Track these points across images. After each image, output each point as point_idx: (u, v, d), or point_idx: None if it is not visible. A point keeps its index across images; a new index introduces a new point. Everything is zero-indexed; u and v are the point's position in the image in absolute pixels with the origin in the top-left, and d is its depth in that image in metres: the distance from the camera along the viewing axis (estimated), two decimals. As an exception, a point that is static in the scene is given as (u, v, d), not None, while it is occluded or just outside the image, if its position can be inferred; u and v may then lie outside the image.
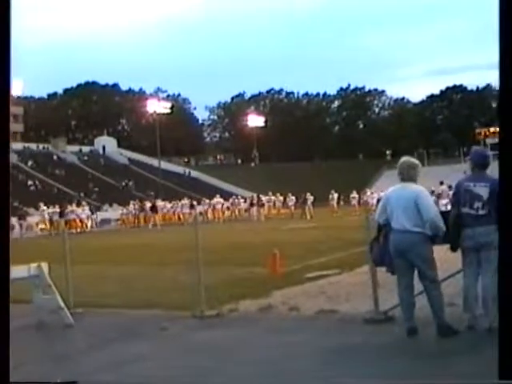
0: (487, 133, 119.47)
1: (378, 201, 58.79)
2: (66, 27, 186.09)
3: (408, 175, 8.66)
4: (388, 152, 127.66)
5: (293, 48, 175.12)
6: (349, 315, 9.95)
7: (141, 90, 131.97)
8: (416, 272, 8.47)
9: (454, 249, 8.62)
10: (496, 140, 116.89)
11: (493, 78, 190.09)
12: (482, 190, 8.25)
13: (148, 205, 56.60)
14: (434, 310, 8.35)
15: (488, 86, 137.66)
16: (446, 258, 9.38)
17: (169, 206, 58.62)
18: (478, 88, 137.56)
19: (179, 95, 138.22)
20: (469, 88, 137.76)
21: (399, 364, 7.25)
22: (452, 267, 9.57)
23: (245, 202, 61.68)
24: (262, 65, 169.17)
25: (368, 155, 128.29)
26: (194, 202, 59.61)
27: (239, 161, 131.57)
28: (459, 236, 8.42)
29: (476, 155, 9.00)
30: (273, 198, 61.92)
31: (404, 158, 8.95)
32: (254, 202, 57.60)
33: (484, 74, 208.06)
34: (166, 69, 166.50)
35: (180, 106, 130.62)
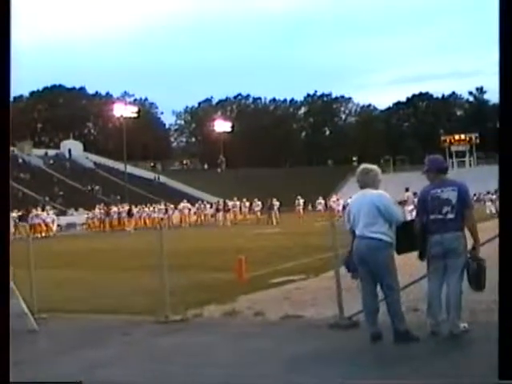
0: (452, 140, 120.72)
1: (344, 207, 59.18)
2: (32, 30, 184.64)
3: (364, 181, 8.70)
4: (354, 158, 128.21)
5: (260, 54, 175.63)
6: (314, 320, 9.96)
7: (108, 93, 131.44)
8: None
9: (422, 257, 8.62)
10: (460, 148, 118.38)
11: (458, 86, 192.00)
12: (451, 195, 8.31)
13: (114, 209, 56.50)
14: (391, 317, 8.36)
15: (453, 94, 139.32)
16: (411, 263, 9.44)
17: (135, 210, 58.46)
18: (443, 96, 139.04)
19: (146, 99, 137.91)
20: (434, 96, 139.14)
21: (362, 368, 7.30)
22: (416, 272, 9.63)
23: (211, 207, 61.61)
24: (229, 70, 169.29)
25: (334, 161, 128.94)
26: (160, 207, 59.42)
27: (206, 166, 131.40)
28: (426, 244, 8.45)
29: (436, 162, 9.08)
30: (239, 203, 61.90)
31: (361, 166, 9.01)
32: (220, 207, 57.55)
33: (449, 82, 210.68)
34: (134, 73, 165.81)
35: (147, 111, 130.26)
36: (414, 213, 30.57)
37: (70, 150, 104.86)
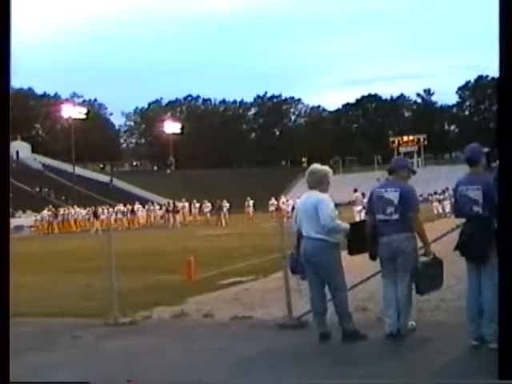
0: (400, 141, 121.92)
1: (293, 208, 59.14)
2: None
3: (311, 182, 8.76)
4: (304, 159, 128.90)
5: (210, 54, 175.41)
6: (263, 321, 9.99)
7: (56, 94, 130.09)
8: None
9: (372, 257, 8.66)
10: (408, 149, 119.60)
11: (406, 87, 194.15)
12: (393, 195, 8.39)
13: (71, 211, 56.18)
14: (339, 316, 8.44)
15: (401, 96, 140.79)
16: (359, 262, 9.52)
17: (84, 212, 58.03)
18: (391, 97, 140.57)
19: (95, 100, 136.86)
20: (383, 97, 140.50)
21: (311, 369, 7.34)
22: (364, 272, 9.72)
23: (160, 208, 61.34)
24: (179, 71, 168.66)
25: (284, 162, 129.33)
26: (100, 209, 59.01)
27: (155, 167, 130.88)
28: (376, 244, 8.50)
29: (394, 162, 9.18)
30: (188, 204, 61.71)
31: (311, 166, 9.07)
32: (170, 208, 57.33)
33: (398, 83, 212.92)
34: (83, 74, 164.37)
35: (96, 112, 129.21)
36: (363, 213, 31.01)
37: (17, 152, 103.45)
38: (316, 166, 8.99)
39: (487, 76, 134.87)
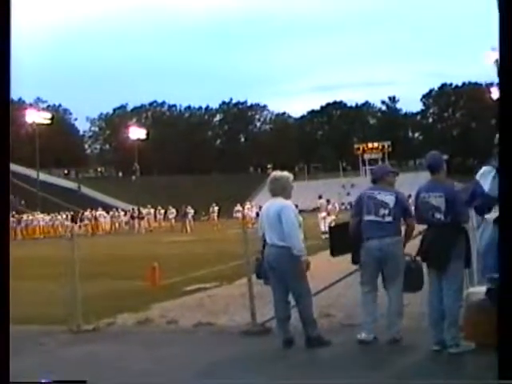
0: (365, 148, 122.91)
1: (258, 214, 59.15)
2: None
3: (273, 189, 8.78)
4: (269, 166, 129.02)
5: (175, 60, 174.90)
6: (226, 327, 10.01)
7: (20, 99, 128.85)
8: None
9: (356, 261, 8.63)
10: (373, 155, 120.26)
11: (371, 95, 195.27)
12: (388, 198, 8.44)
13: (22, 217, 55.80)
14: (303, 323, 8.45)
15: (366, 103, 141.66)
16: (323, 268, 9.58)
17: (47, 218, 57.66)
18: (356, 104, 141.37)
19: (60, 106, 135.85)
20: (348, 104, 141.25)
21: (274, 374, 7.37)
22: (328, 277, 9.78)
23: (125, 214, 61.13)
24: (144, 76, 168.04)
25: (249, 169, 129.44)
26: (80, 214, 58.72)
27: (120, 173, 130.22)
28: (359, 247, 8.50)
29: (382, 169, 9.23)
30: (153, 210, 61.57)
31: (272, 173, 9.08)
32: (135, 214, 57.18)
33: (362, 90, 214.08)
34: (47, 79, 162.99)
35: (60, 117, 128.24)
36: (328, 219, 30.99)
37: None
38: (277, 172, 9.01)
39: (451, 84, 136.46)
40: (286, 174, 8.97)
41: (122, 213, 62.18)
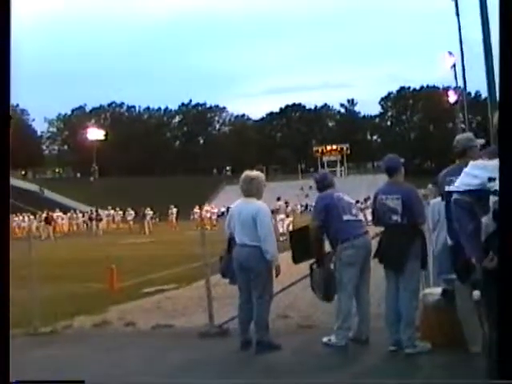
0: (324, 150, 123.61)
1: (218, 216, 59.05)
2: None
3: (245, 190, 8.70)
4: (228, 168, 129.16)
5: (134, 61, 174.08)
6: (184, 329, 9.99)
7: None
8: None
9: (318, 263, 8.52)
10: (332, 158, 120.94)
11: (330, 97, 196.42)
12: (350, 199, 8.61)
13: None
14: (256, 326, 8.40)
15: (325, 106, 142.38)
16: (283, 269, 9.55)
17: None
18: (315, 107, 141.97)
19: (17, 106, 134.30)
20: (307, 107, 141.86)
21: (231, 376, 7.37)
22: (286, 279, 9.79)
23: (83, 216, 60.73)
24: (103, 77, 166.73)
25: (208, 170, 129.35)
26: (55, 215, 58.20)
27: (78, 174, 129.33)
28: (323, 250, 8.45)
29: (319, 177, 9.22)
30: (112, 212, 61.25)
31: (244, 173, 8.94)
32: (93, 216, 56.81)
33: (321, 93, 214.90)
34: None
35: (18, 118, 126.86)
36: (286, 221, 30.94)
37: None
38: (249, 173, 8.88)
39: (409, 87, 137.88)
40: (259, 173, 8.95)
41: (80, 214, 61.76)
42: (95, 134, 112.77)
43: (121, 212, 61.60)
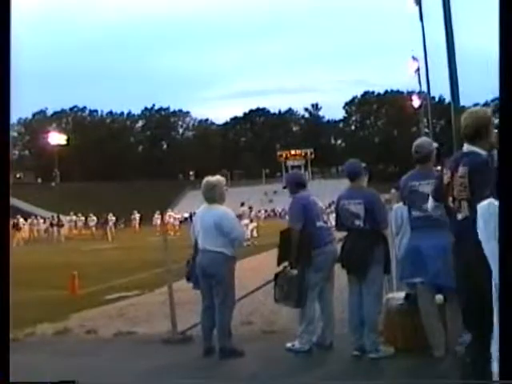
0: (288, 155, 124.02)
1: (181, 222, 58.88)
2: None
3: (207, 195, 8.67)
4: (192, 172, 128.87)
5: (97, 65, 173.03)
6: (147, 336, 9.90)
7: None
8: None
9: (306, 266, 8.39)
10: (296, 162, 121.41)
11: (294, 102, 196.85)
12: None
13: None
14: (218, 332, 8.36)
15: (289, 110, 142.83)
16: (244, 275, 9.54)
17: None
18: (280, 111, 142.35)
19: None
20: (271, 111, 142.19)
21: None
22: (250, 284, 9.76)
23: (44, 222, 60.15)
24: (65, 81, 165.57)
25: (172, 175, 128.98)
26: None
27: (39, 179, 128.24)
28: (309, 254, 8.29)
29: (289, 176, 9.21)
30: (74, 218, 60.79)
31: (205, 179, 8.89)
32: (54, 222, 56.28)
33: (286, 97, 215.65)
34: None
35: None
36: (250, 226, 30.91)
37: None
38: (210, 178, 8.83)
39: (373, 92, 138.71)
40: (220, 178, 8.92)
41: (41, 220, 61.17)
42: (57, 138, 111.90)
43: (83, 218, 61.15)
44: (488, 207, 4.68)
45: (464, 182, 5.08)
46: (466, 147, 5.29)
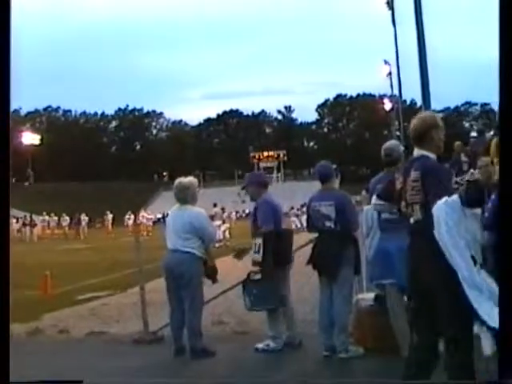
0: (261, 156, 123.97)
1: (154, 222, 58.63)
2: None
3: (179, 196, 8.70)
4: (165, 173, 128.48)
5: (71, 64, 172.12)
6: (119, 336, 9.91)
7: None
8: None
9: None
10: (269, 164, 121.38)
11: (267, 104, 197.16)
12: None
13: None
14: (189, 333, 8.40)
15: (262, 112, 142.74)
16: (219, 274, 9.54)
17: None
18: (253, 113, 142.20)
19: None
20: (244, 113, 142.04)
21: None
22: (221, 285, 9.78)
23: (17, 222, 59.72)
24: (39, 80, 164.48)
25: (145, 176, 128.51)
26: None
27: (13, 179, 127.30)
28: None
29: (253, 176, 9.26)
30: (47, 218, 60.47)
31: (177, 180, 8.92)
32: (27, 222, 55.95)
33: (259, 99, 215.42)
34: None
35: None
36: (223, 228, 30.85)
37: None
38: (182, 180, 8.87)
39: (346, 94, 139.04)
40: (192, 179, 8.97)
41: (14, 220, 60.72)
42: (30, 138, 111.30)
43: (56, 218, 60.82)
44: (445, 206, 4.86)
45: (417, 186, 5.17)
46: (416, 152, 5.41)
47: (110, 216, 59.73)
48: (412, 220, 5.27)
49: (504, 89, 4.03)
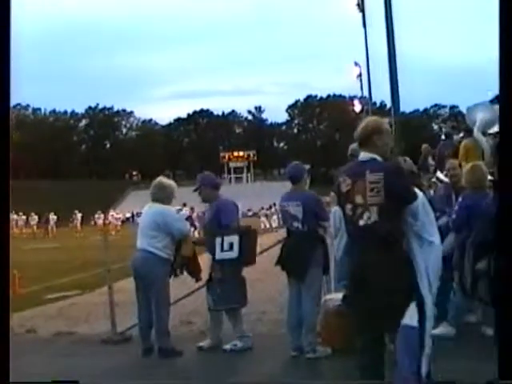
0: (231, 156, 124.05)
1: (123, 222, 58.39)
2: None
3: (154, 196, 8.69)
4: (135, 173, 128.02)
5: (41, 62, 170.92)
6: (86, 336, 9.88)
7: None
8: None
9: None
10: (238, 164, 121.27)
11: (237, 104, 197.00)
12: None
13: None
14: (156, 333, 8.38)
15: (233, 112, 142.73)
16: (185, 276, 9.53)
17: None
18: (223, 113, 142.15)
19: None
20: (215, 113, 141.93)
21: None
22: (190, 285, 9.78)
23: (-16, 220, 59.26)
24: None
25: (115, 175, 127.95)
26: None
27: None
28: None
29: (207, 178, 9.26)
30: (15, 216, 59.95)
31: (158, 178, 8.94)
32: (-5, 220, 55.45)
33: (229, 99, 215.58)
34: None
35: None
36: (195, 226, 30.71)
37: None
38: (164, 179, 8.94)
39: (316, 95, 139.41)
40: (172, 182, 8.99)
41: (-19, 219, 60.22)
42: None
43: (24, 216, 60.35)
44: (418, 204, 5.01)
45: (376, 187, 5.21)
46: (363, 154, 5.45)
47: (78, 215, 59.42)
48: (362, 222, 5.30)
49: (504, 89, 4.06)
